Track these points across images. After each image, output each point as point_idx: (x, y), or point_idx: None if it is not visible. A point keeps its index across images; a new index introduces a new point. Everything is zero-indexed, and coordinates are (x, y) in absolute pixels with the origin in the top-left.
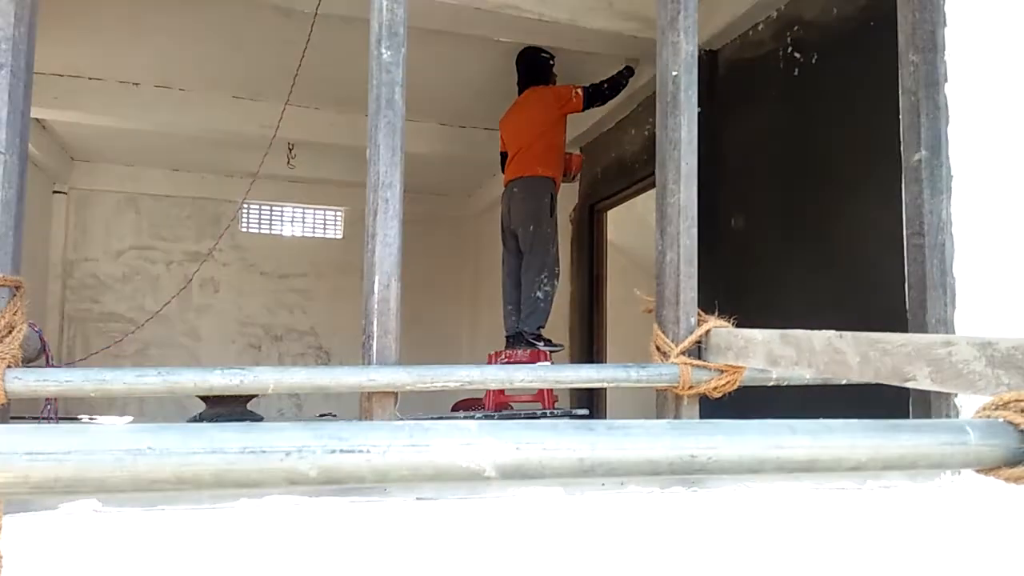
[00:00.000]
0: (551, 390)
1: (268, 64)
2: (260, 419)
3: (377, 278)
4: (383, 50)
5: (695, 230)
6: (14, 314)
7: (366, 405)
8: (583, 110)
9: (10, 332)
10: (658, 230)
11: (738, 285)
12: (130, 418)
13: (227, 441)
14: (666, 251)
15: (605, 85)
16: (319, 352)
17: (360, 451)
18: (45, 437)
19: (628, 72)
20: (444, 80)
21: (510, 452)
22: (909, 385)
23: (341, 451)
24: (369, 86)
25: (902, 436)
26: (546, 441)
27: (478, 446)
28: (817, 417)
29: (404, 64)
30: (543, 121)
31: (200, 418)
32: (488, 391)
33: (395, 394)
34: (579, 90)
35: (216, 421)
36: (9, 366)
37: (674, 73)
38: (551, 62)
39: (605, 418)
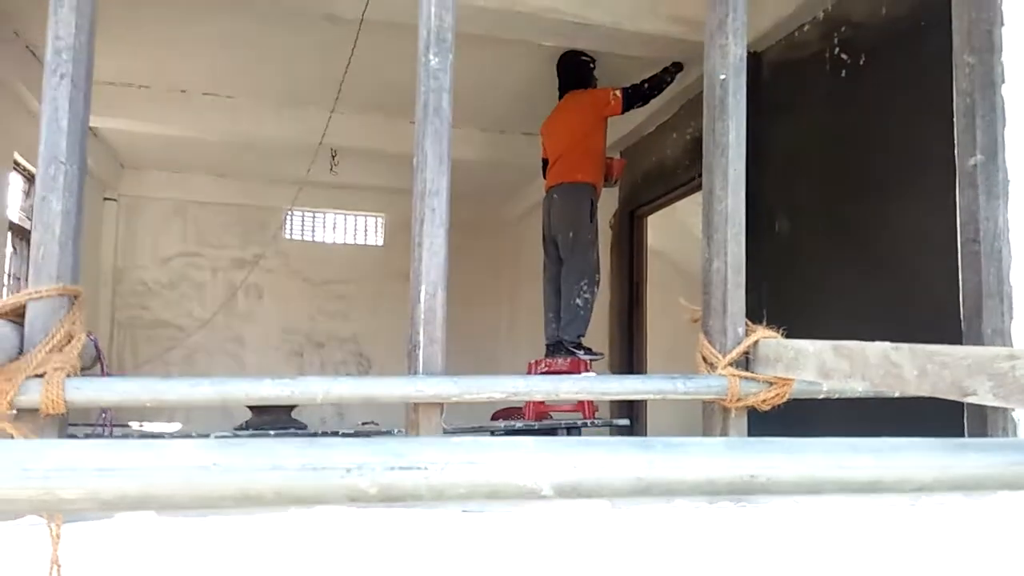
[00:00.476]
0: (591, 400)
1: (313, 71)
2: (304, 427)
3: (424, 287)
4: (431, 57)
5: (743, 237)
6: (73, 323)
7: (412, 416)
8: (623, 112)
9: (69, 341)
10: (704, 237)
11: (780, 291)
12: (178, 425)
13: (288, 457)
14: (713, 259)
15: (646, 84)
16: (360, 359)
17: (419, 468)
18: (114, 452)
19: (675, 68)
20: (484, 85)
21: (567, 470)
22: (969, 400)
23: (400, 468)
24: (417, 93)
25: (970, 456)
26: (603, 459)
27: (536, 464)
28: (864, 430)
29: (452, 71)
30: (582, 125)
31: (247, 426)
32: (528, 401)
33: (441, 404)
34: (618, 92)
35: (262, 429)
36: (68, 375)
37: (722, 76)
38: (592, 65)
39: (646, 429)
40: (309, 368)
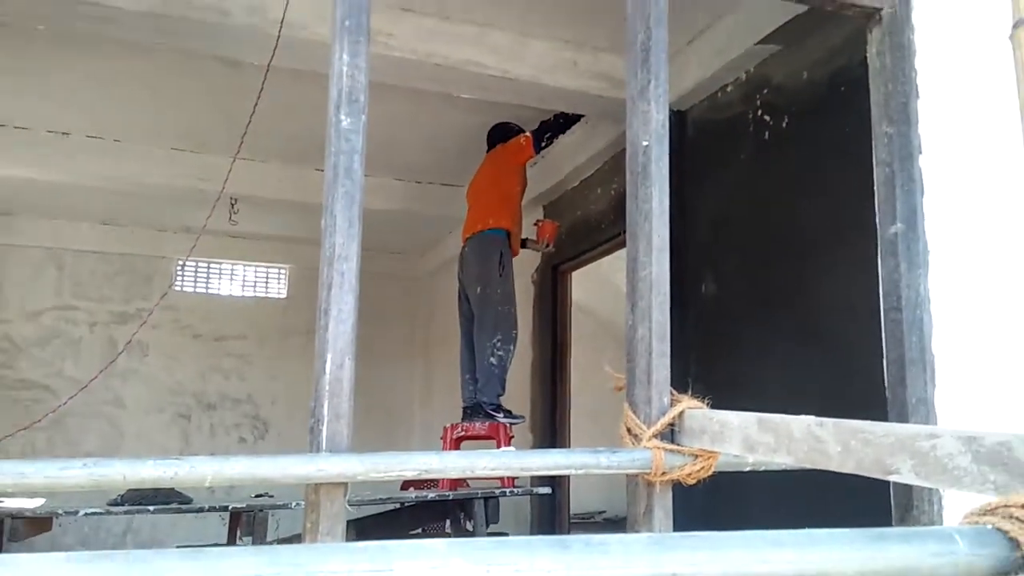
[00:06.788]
0: None
1: (211, 116)
2: (189, 500)
3: (330, 357)
4: (342, 117)
5: (667, 305)
6: None
7: (312, 498)
8: (536, 151)
9: None
10: (628, 304)
11: (706, 357)
12: (41, 500)
13: (172, 572)
14: (637, 326)
15: (543, 123)
16: (256, 423)
17: None
18: None
19: (563, 120)
20: (401, 134)
21: (480, 574)
22: (891, 478)
23: None
24: (327, 153)
25: (891, 548)
26: (519, 561)
27: (447, 569)
28: (796, 502)
29: (364, 131)
30: (497, 170)
31: (122, 500)
32: None
33: (346, 484)
34: (527, 136)
35: (141, 503)
36: None
37: (644, 143)
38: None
39: (569, 495)
40: (197, 433)
